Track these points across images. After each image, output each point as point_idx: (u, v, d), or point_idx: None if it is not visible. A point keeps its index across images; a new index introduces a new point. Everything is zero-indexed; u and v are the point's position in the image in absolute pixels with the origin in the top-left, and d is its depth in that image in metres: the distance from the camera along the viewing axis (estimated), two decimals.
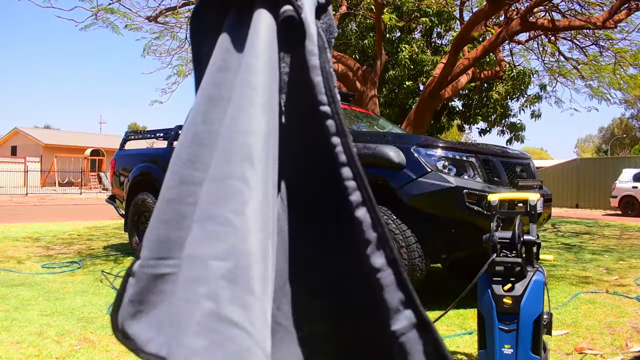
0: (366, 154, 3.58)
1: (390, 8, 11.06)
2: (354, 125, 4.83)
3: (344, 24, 13.44)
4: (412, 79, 13.32)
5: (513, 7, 7.67)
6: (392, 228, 3.32)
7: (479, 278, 2.20)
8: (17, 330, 2.89)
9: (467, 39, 7.52)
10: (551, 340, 2.73)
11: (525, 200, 2.37)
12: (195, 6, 0.54)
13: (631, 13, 7.24)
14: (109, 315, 3.23)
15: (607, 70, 8.29)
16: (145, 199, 5.43)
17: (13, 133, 38.93)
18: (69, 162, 33.99)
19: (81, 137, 40.18)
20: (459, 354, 2.57)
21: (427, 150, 3.44)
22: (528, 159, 4.19)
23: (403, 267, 0.47)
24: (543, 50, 9.33)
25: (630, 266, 5.33)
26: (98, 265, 5.08)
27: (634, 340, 2.80)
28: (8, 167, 29.01)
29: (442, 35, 14.44)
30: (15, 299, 3.62)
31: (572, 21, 7.24)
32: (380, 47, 8.35)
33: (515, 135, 14.98)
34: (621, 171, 16.92)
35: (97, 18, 6.24)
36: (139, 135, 6.45)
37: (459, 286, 3.96)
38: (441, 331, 2.96)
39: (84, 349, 2.61)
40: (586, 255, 6.05)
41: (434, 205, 3.32)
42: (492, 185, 3.46)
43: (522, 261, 2.13)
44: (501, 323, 2.11)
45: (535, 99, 13.09)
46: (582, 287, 4.22)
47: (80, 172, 31.05)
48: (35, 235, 7.53)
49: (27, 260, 5.31)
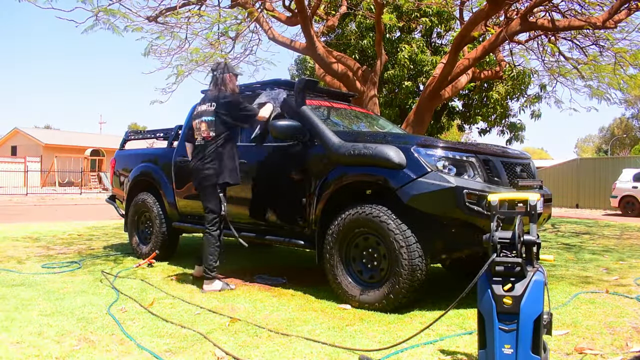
0: (366, 154, 3.58)
1: (390, 8, 11.06)
2: (354, 125, 4.83)
3: (344, 24, 13.44)
4: (411, 79, 13.32)
5: (513, 7, 7.66)
6: (392, 228, 3.33)
7: (479, 278, 2.20)
8: (17, 330, 2.89)
9: (467, 39, 7.51)
10: (551, 340, 2.73)
11: (525, 200, 2.37)
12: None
13: (631, 13, 7.23)
14: (109, 315, 3.23)
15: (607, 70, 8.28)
16: (145, 199, 5.44)
17: (13, 133, 38.93)
18: (69, 162, 33.98)
19: (81, 137, 40.18)
20: (459, 354, 2.57)
21: (427, 150, 3.44)
22: (528, 159, 4.18)
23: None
24: (543, 50, 9.32)
25: (630, 266, 5.33)
26: (98, 265, 5.08)
27: (634, 340, 2.80)
28: (8, 167, 29.01)
29: (442, 35, 14.45)
30: (15, 299, 3.62)
31: (572, 21, 7.23)
32: (380, 47, 8.34)
33: (515, 135, 14.99)
34: (621, 171, 16.92)
35: (97, 19, 6.24)
36: (139, 135, 6.45)
37: (459, 286, 3.96)
38: (441, 331, 2.96)
39: (84, 349, 2.61)
40: (586, 255, 6.05)
41: (434, 205, 3.32)
42: (492, 185, 3.45)
43: (522, 261, 2.13)
44: (501, 323, 2.11)
45: (535, 99, 13.10)
46: (582, 287, 4.22)
47: (80, 172, 31.04)
48: (35, 235, 7.53)
49: (27, 260, 5.32)
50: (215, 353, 2.57)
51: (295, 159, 4.08)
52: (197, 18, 6.88)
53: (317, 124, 4.02)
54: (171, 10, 7.12)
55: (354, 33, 13.35)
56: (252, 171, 4.42)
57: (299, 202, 3.99)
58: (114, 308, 3.42)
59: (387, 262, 3.41)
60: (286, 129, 3.95)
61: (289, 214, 4.12)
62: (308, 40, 7.73)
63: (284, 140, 4.08)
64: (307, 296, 3.86)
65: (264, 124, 4.21)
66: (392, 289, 3.33)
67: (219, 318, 3.21)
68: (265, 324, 3.07)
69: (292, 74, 16.78)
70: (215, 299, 3.72)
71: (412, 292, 3.32)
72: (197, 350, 2.61)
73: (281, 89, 4.43)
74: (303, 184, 3.98)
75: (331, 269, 3.66)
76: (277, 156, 4.28)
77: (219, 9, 7.30)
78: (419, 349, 2.64)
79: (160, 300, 3.67)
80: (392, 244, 3.32)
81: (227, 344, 2.71)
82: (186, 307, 3.49)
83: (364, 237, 3.58)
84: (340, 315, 3.33)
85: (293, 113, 4.15)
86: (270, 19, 8.40)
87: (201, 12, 6.85)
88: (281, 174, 4.23)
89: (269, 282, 4.33)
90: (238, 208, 4.58)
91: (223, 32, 7.44)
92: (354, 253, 3.65)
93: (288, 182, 4.13)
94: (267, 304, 3.60)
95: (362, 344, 2.72)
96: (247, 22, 7.35)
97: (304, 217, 3.95)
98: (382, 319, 3.21)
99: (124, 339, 2.78)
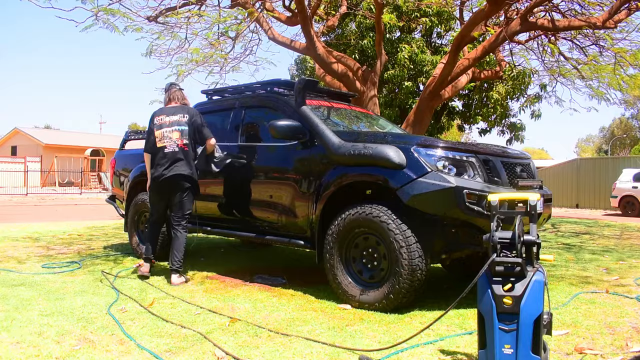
0: (366, 154, 3.58)
1: (390, 8, 11.06)
2: (354, 125, 4.83)
3: (344, 24, 13.44)
4: (411, 79, 13.32)
5: (513, 7, 7.66)
6: (392, 228, 3.32)
7: (479, 278, 2.20)
8: (17, 330, 2.89)
9: (467, 39, 7.51)
10: (551, 340, 2.73)
11: (525, 200, 2.37)
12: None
13: (631, 13, 7.24)
14: (109, 315, 3.23)
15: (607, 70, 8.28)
16: (145, 199, 5.43)
17: (13, 133, 38.93)
18: (69, 162, 33.98)
19: (81, 137, 40.18)
20: (459, 354, 2.57)
21: (427, 150, 3.44)
22: (528, 159, 4.18)
23: None
24: (543, 50, 9.32)
25: (630, 266, 5.33)
26: (98, 265, 5.08)
27: (634, 340, 2.80)
28: (8, 167, 29.01)
29: (442, 35, 14.45)
30: (15, 299, 3.62)
31: (572, 21, 7.24)
32: (380, 47, 8.34)
33: (515, 135, 14.99)
34: (621, 171, 16.92)
35: (97, 19, 6.24)
36: (139, 135, 6.44)
37: (459, 286, 3.96)
38: (441, 331, 2.96)
39: (84, 349, 2.61)
40: (586, 255, 6.05)
41: (434, 205, 3.32)
42: (492, 185, 3.45)
43: (522, 261, 2.13)
44: (501, 323, 2.11)
45: (535, 99, 13.10)
46: (582, 287, 4.22)
47: (80, 172, 31.03)
48: (35, 235, 7.53)
49: (27, 260, 5.32)
50: (215, 353, 2.57)
51: (295, 159, 4.09)
52: (197, 18, 6.87)
53: (317, 124, 4.02)
54: (171, 10, 7.12)
55: (354, 33, 13.35)
56: (252, 171, 4.42)
57: (299, 202, 3.99)
58: (114, 308, 3.43)
59: (387, 262, 3.41)
60: (286, 129, 3.95)
61: (289, 214, 4.12)
62: (308, 40, 7.73)
63: (284, 140, 4.08)
64: (307, 296, 3.86)
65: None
66: (392, 289, 3.33)
67: (219, 318, 3.21)
68: (265, 324, 3.07)
69: (292, 74, 16.79)
70: (215, 299, 3.72)
71: (412, 292, 3.32)
72: (197, 350, 2.61)
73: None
74: (303, 184, 3.98)
75: (331, 269, 3.66)
76: (277, 156, 4.28)
77: (219, 9, 7.29)
78: (419, 349, 2.64)
79: (160, 300, 3.67)
80: (392, 244, 3.32)
81: (227, 344, 2.71)
82: (186, 307, 3.49)
83: (364, 237, 3.58)
84: (340, 315, 3.33)
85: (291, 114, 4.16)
86: (270, 19, 8.40)
87: (201, 12, 6.85)
88: (281, 174, 4.23)
89: (269, 282, 4.33)
90: (238, 208, 4.58)
91: (223, 32, 7.45)
92: (354, 253, 3.65)
93: (288, 182, 4.13)
94: (267, 304, 3.60)
95: (362, 344, 2.72)
96: (247, 22, 7.36)
97: (304, 217, 3.95)
98: (382, 319, 3.21)
99: (124, 339, 2.78)
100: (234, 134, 4.77)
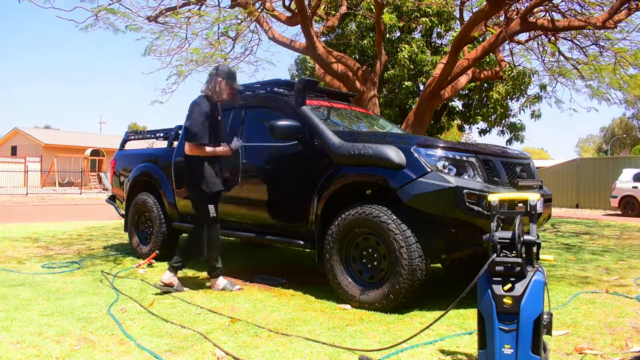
0: (366, 154, 3.58)
1: (390, 8, 11.06)
2: (354, 125, 4.83)
3: (344, 24, 13.44)
4: (411, 79, 13.32)
5: (513, 7, 7.66)
6: (392, 228, 3.32)
7: (479, 278, 2.20)
8: (17, 330, 2.89)
9: (467, 39, 7.51)
10: (551, 340, 2.73)
11: (525, 200, 2.37)
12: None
13: (631, 13, 7.23)
14: (109, 315, 3.23)
15: (607, 70, 8.28)
16: (145, 199, 5.43)
17: (13, 133, 38.93)
18: (69, 162, 33.98)
19: (81, 137, 40.18)
20: (459, 354, 2.57)
21: (427, 150, 3.44)
22: (528, 159, 4.18)
23: None
24: (543, 50, 9.33)
25: (630, 266, 5.33)
26: (98, 265, 5.08)
27: (634, 340, 2.80)
28: (8, 167, 29.01)
29: (442, 35, 14.45)
30: (15, 299, 3.62)
31: (572, 21, 7.23)
32: (380, 47, 8.34)
33: (515, 135, 14.97)
34: (621, 171, 16.92)
35: (97, 18, 6.24)
36: (139, 135, 6.45)
37: (459, 286, 3.96)
38: (441, 331, 2.96)
39: (84, 349, 2.61)
40: (586, 256, 6.05)
41: (434, 205, 3.32)
42: (492, 185, 3.45)
43: (522, 261, 2.13)
44: (501, 323, 2.11)
45: (535, 99, 13.09)
46: (582, 287, 4.22)
47: (80, 172, 31.03)
48: (35, 236, 7.53)
49: (27, 261, 5.31)
50: (215, 353, 2.57)
51: (295, 159, 4.08)
52: (197, 18, 6.88)
53: (317, 124, 4.02)
54: (171, 10, 7.12)
55: (354, 33, 13.35)
56: (252, 171, 4.42)
57: (299, 202, 3.99)
58: (114, 308, 3.42)
59: (387, 262, 3.41)
60: (286, 129, 3.95)
61: (289, 214, 4.12)
62: (308, 40, 7.73)
63: (284, 140, 4.08)
64: (307, 296, 3.86)
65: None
66: (392, 289, 3.33)
67: (219, 318, 3.21)
68: (265, 324, 3.07)
69: (292, 74, 16.79)
70: (215, 299, 3.72)
71: (412, 292, 3.32)
72: (197, 350, 2.61)
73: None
74: (303, 184, 3.98)
75: (331, 269, 3.66)
76: (277, 156, 4.28)
77: (219, 9, 7.30)
78: (419, 349, 2.64)
79: (160, 300, 3.67)
80: (392, 244, 3.32)
81: (227, 344, 2.71)
82: (186, 307, 3.49)
83: (364, 237, 3.58)
84: (340, 315, 3.33)
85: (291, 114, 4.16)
86: (270, 19, 8.40)
87: (201, 12, 6.85)
88: (281, 173, 4.23)
89: (269, 282, 4.33)
90: (238, 208, 4.58)
91: (223, 32, 7.45)
92: (354, 253, 3.65)
93: (288, 182, 4.13)
94: (267, 304, 3.60)
95: (362, 344, 2.72)
96: (247, 22, 7.36)
97: (304, 217, 3.95)
98: (382, 319, 3.21)
99: (124, 339, 2.78)
100: (233, 134, 4.77)
